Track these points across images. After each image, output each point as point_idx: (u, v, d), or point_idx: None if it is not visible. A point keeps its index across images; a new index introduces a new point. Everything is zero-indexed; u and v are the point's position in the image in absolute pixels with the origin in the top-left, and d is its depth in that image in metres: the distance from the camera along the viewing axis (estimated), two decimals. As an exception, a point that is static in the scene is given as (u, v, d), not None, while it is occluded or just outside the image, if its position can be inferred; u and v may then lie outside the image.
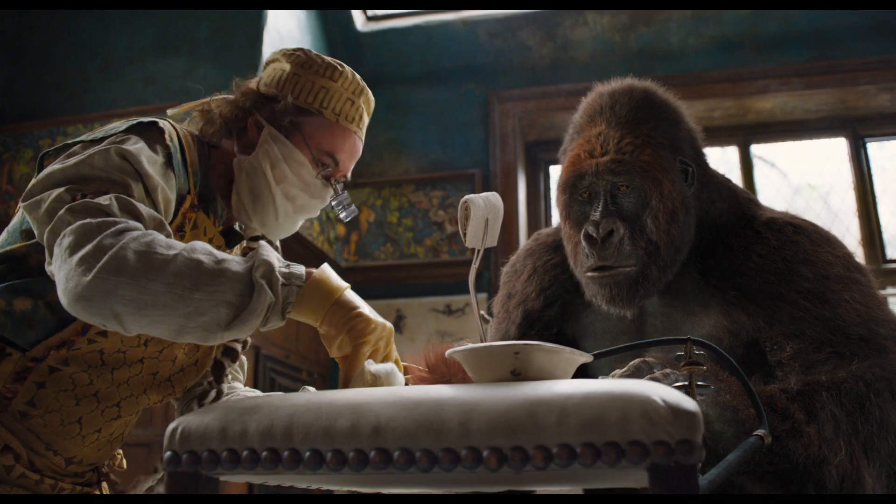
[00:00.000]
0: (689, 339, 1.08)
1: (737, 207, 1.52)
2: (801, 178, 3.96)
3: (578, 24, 4.06)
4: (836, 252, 1.41)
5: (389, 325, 1.08)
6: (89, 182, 1.06)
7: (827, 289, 1.35)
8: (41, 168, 1.17)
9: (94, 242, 0.95)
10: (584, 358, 0.87)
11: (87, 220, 0.98)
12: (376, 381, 0.92)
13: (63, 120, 3.61)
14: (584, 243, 1.41)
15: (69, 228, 0.98)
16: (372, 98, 1.35)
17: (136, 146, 1.12)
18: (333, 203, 1.33)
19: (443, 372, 0.92)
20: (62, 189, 1.04)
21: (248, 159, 1.28)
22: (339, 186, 1.32)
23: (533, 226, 4.17)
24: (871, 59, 3.59)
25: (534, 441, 0.70)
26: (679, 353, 1.08)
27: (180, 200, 1.19)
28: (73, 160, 1.09)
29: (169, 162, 1.16)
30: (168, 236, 1.03)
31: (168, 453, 0.79)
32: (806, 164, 3.99)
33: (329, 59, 1.31)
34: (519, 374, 0.80)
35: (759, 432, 1.03)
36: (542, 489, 1.25)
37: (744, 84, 3.79)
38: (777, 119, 3.95)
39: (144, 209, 1.04)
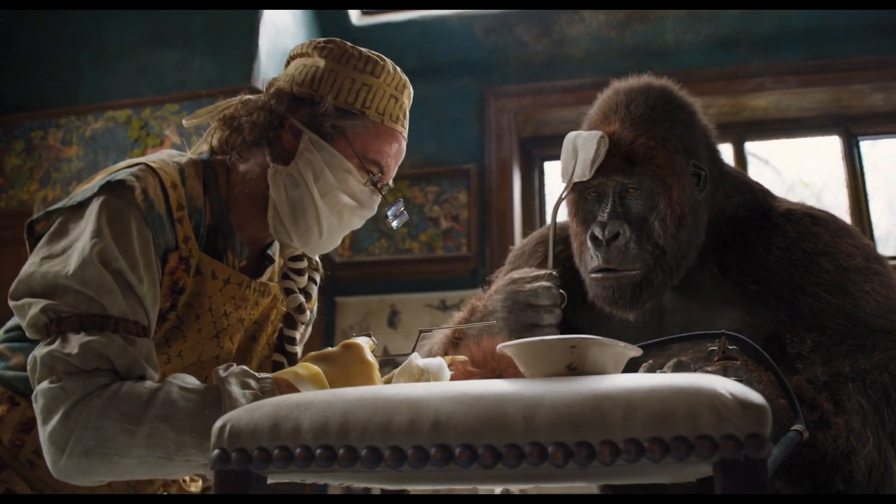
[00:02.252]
0: (722, 333, 1.08)
1: (753, 201, 1.52)
2: (795, 176, 3.99)
3: (574, 20, 4.06)
4: (855, 243, 1.41)
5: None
6: (64, 294, 1.00)
7: (848, 280, 1.35)
8: (30, 235, 1.12)
9: (60, 415, 0.95)
10: (634, 352, 0.86)
11: (54, 386, 0.96)
12: (423, 375, 0.91)
13: (55, 112, 3.55)
14: (589, 244, 1.40)
15: (39, 388, 0.98)
16: (412, 91, 1.25)
17: (109, 234, 1.03)
18: (388, 212, 1.22)
19: (492, 367, 0.90)
20: (39, 308, 1.00)
21: (285, 170, 1.15)
22: (386, 191, 1.22)
23: (527, 222, 4.16)
24: (865, 59, 3.62)
25: (600, 436, 0.69)
26: (712, 348, 1.08)
27: (164, 259, 1.09)
28: (50, 265, 1.02)
29: (145, 224, 1.06)
30: (149, 352, 1.02)
31: (216, 451, 0.76)
32: (799, 162, 4.02)
33: (366, 51, 1.20)
34: (574, 369, 0.79)
35: (798, 427, 1.03)
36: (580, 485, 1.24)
37: (739, 82, 3.81)
38: (771, 117, 3.98)
39: (116, 348, 0.99)
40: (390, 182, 1.24)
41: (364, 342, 1.14)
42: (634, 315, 1.43)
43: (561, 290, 1.41)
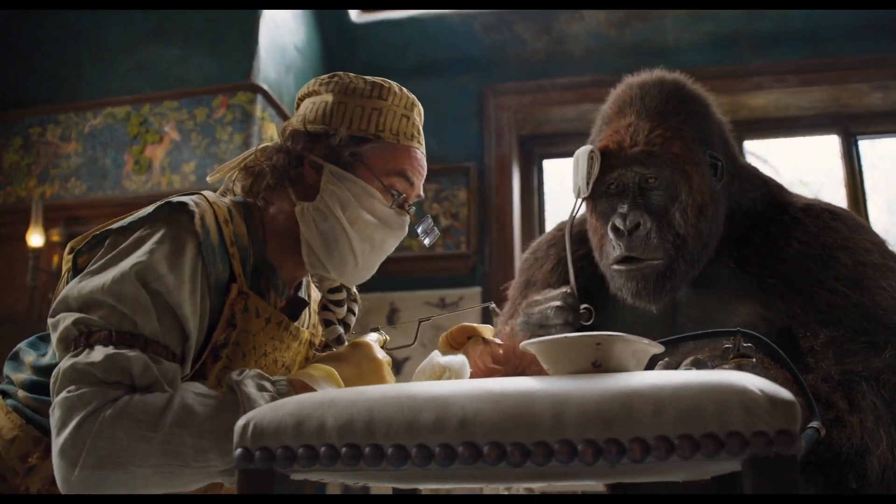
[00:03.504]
0: (738, 330, 1.08)
1: (769, 195, 1.52)
2: (794, 175, 4.00)
3: (574, 18, 4.05)
4: (872, 239, 1.42)
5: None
6: (99, 308, 0.99)
7: (865, 276, 1.35)
8: (74, 266, 1.09)
9: (73, 425, 0.93)
10: (656, 348, 0.86)
11: (71, 395, 0.94)
12: (445, 372, 0.90)
13: (54, 108, 3.53)
14: (610, 234, 1.39)
15: (56, 399, 0.96)
16: (421, 108, 1.26)
17: (159, 253, 1.02)
18: (419, 231, 1.23)
19: (514, 364, 0.90)
20: (71, 320, 0.99)
21: (312, 205, 1.16)
22: (413, 210, 1.22)
23: (527, 220, 4.16)
24: (864, 58, 3.63)
25: (630, 433, 0.68)
26: (727, 346, 1.08)
27: (224, 291, 1.09)
28: (89, 280, 1.02)
29: (200, 252, 1.06)
30: (173, 377, 1.00)
31: (239, 450, 0.76)
32: (798, 161, 4.03)
33: (370, 78, 1.22)
34: (600, 366, 0.78)
35: (815, 424, 1.03)
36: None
37: (738, 80, 3.81)
38: (770, 116, 3.99)
39: (140, 365, 0.97)
40: (421, 194, 1.24)
41: (373, 339, 1.13)
42: (657, 307, 1.43)
43: (587, 306, 1.41)
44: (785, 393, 0.69)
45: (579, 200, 1.47)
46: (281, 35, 3.70)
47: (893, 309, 1.31)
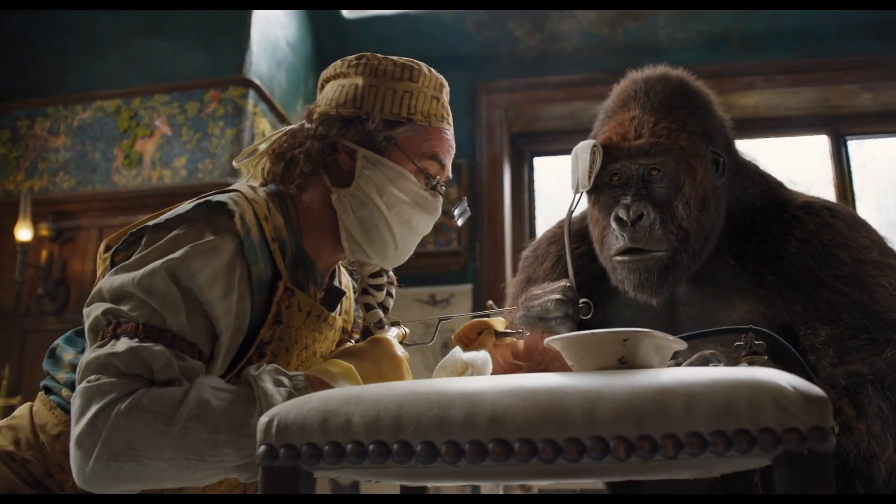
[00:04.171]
0: (749, 328, 1.08)
1: (769, 192, 1.52)
2: (783, 175, 3.99)
3: (566, 16, 4.06)
4: (871, 236, 1.43)
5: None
6: (129, 300, 0.98)
7: (864, 273, 1.36)
8: (112, 264, 1.07)
9: (90, 416, 0.92)
10: (679, 345, 0.85)
11: (91, 385, 0.93)
12: (468, 369, 0.89)
13: (42, 101, 3.47)
14: (613, 225, 1.39)
15: (78, 389, 0.95)
16: (448, 88, 1.25)
17: (193, 251, 1.01)
18: (455, 212, 1.22)
19: (537, 360, 0.89)
20: (101, 310, 0.99)
21: (348, 191, 1.15)
22: (444, 191, 1.22)
23: (517, 217, 4.16)
24: (854, 59, 3.67)
25: (662, 429, 0.68)
26: (738, 343, 1.08)
27: (271, 289, 1.07)
28: (122, 277, 1.01)
29: (239, 252, 1.04)
30: (198, 372, 0.99)
31: (263, 447, 0.74)
32: (788, 161, 4.06)
33: (399, 59, 1.20)
34: (626, 362, 0.78)
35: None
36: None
37: (729, 80, 3.83)
38: (760, 115, 4.01)
39: (163, 360, 0.96)
40: (450, 174, 1.24)
41: (392, 334, 1.12)
42: (658, 300, 1.42)
43: (585, 300, 1.41)
44: (817, 389, 0.69)
45: (578, 196, 1.46)
46: (273, 30, 3.67)
47: (893, 306, 1.32)
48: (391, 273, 1.31)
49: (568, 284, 1.46)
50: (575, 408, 0.69)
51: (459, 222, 1.24)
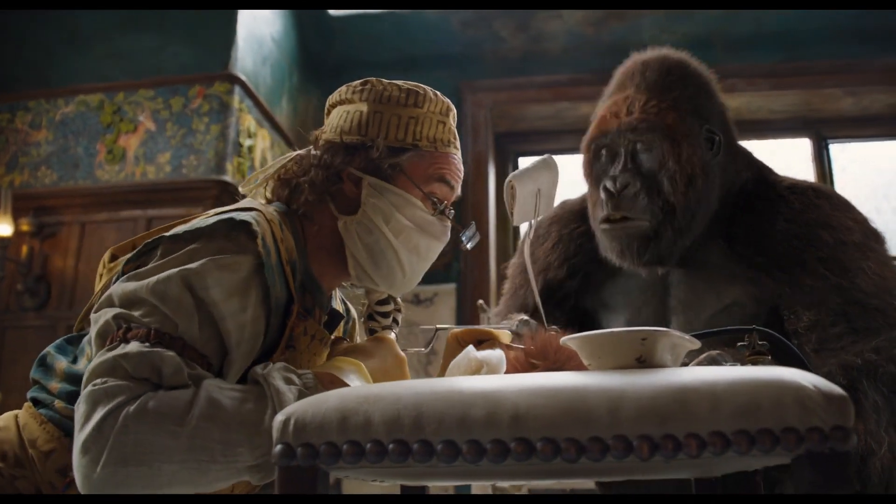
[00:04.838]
0: (753, 328, 1.09)
1: (759, 174, 1.57)
2: (765, 176, 4.07)
3: (552, 16, 4.07)
4: (855, 217, 1.46)
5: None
6: (141, 306, 0.96)
7: (846, 256, 1.39)
8: (123, 272, 1.05)
9: (97, 420, 0.88)
10: (693, 344, 0.86)
11: (97, 388, 0.90)
12: (483, 368, 0.89)
13: (24, 94, 3.41)
14: (602, 195, 1.45)
15: (83, 392, 0.92)
16: (455, 112, 1.23)
17: (210, 265, 0.99)
18: (463, 237, 1.20)
19: (553, 359, 0.89)
20: (111, 315, 0.96)
21: (354, 219, 1.14)
22: (452, 214, 1.20)
23: (502, 218, 4.16)
24: (837, 63, 3.72)
25: (685, 428, 0.68)
26: (741, 343, 1.09)
27: (285, 313, 1.06)
28: (135, 283, 0.98)
29: (258, 273, 1.02)
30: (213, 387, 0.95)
31: (279, 447, 0.73)
32: (769, 164, 4.10)
33: (403, 83, 1.19)
34: (644, 361, 0.78)
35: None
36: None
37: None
38: (742, 118, 4.05)
39: (173, 365, 0.93)
40: (459, 193, 1.23)
41: (393, 335, 1.12)
42: (645, 271, 1.47)
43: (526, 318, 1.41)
44: (838, 389, 0.69)
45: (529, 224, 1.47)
46: (258, 26, 3.64)
47: (873, 291, 1.35)
48: (399, 300, 1.29)
49: (525, 318, 1.44)
50: (598, 407, 0.69)
51: (469, 246, 1.22)
